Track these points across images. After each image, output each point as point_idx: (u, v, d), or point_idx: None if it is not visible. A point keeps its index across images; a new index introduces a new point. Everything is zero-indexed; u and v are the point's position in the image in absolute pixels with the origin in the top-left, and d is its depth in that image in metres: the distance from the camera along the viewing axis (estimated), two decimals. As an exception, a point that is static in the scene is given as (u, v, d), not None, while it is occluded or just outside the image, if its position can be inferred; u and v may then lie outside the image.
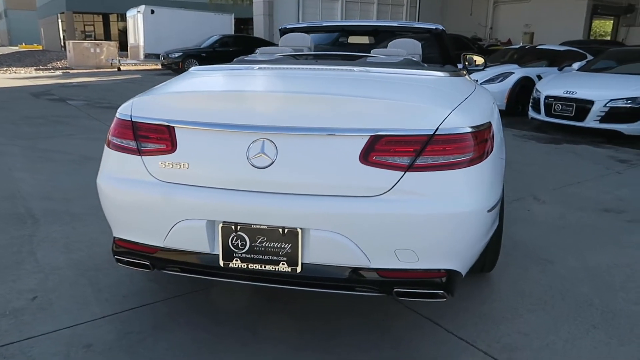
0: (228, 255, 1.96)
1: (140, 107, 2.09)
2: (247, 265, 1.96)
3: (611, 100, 6.58)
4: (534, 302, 2.56)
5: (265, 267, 1.94)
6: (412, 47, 3.48)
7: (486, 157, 1.94)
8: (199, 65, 3.76)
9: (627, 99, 6.52)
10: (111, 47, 20.38)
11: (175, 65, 17.02)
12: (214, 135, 1.95)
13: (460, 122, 1.89)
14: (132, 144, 2.06)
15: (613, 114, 6.56)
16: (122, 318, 2.36)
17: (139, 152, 2.04)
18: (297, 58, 3.42)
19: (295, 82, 2.26)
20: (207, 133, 1.96)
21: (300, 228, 1.87)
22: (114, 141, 2.12)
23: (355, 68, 2.48)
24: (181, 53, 17.20)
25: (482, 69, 4.18)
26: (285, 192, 1.89)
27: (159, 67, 19.10)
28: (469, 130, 1.89)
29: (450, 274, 1.93)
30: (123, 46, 24.73)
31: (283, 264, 1.92)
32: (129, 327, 2.30)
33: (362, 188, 1.85)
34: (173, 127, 2.00)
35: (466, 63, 4.02)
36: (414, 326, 2.32)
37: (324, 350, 2.15)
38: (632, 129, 6.51)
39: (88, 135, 6.55)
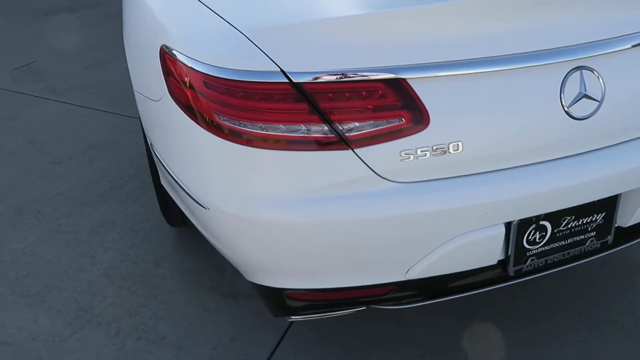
0: (520, 257, 1.25)
1: (299, 49, 1.08)
2: (545, 261, 1.29)
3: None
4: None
5: (567, 254, 1.30)
6: None
7: None
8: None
9: None
10: None
11: None
12: (495, 80, 1.13)
13: None
14: (321, 130, 1.07)
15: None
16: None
17: (345, 143, 1.08)
18: None
19: None
20: (482, 79, 1.12)
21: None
22: (256, 131, 1.07)
23: None
24: None
25: None
26: (607, 145, 1.24)
27: None
28: None
29: None
30: None
31: (591, 241, 1.31)
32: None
33: None
34: (405, 81, 1.08)
35: None
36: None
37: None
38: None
39: None
